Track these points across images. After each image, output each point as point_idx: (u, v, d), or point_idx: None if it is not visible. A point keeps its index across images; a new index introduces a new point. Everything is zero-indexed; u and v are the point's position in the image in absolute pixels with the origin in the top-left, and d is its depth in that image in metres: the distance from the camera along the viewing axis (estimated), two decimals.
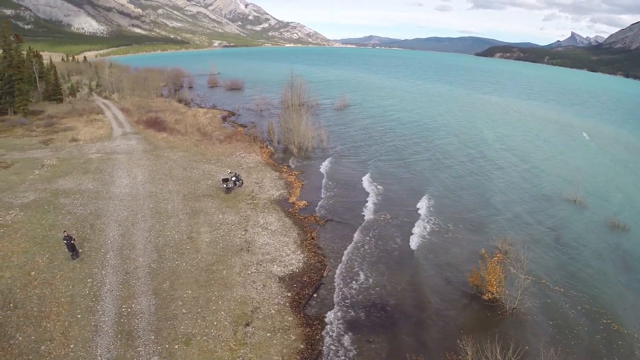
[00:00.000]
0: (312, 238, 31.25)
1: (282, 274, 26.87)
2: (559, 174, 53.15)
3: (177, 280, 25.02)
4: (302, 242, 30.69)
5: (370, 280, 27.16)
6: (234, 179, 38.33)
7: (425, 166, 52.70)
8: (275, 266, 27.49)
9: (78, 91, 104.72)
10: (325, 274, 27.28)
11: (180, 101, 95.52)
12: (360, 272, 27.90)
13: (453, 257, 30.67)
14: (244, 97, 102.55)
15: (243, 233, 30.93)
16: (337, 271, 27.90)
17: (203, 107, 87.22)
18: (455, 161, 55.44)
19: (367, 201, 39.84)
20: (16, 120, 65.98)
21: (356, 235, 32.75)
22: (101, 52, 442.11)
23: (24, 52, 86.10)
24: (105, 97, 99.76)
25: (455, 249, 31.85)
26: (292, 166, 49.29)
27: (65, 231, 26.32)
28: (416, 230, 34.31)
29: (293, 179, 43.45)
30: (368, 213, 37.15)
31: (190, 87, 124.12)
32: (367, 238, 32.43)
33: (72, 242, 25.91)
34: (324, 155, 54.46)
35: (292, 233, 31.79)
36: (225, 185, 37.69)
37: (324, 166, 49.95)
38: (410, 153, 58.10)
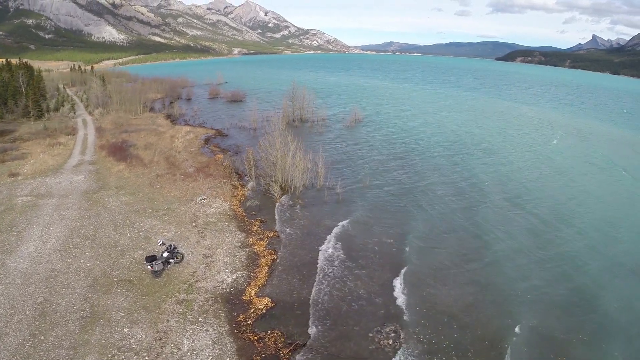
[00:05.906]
0: None
1: None
2: None
3: None
4: None
5: None
6: (166, 254, 25.52)
7: (462, 228, 35.75)
8: None
9: (62, 106, 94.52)
10: None
11: (169, 117, 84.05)
12: None
13: None
14: (243, 111, 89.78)
15: None
16: None
17: (190, 125, 75.29)
18: (515, 223, 37.24)
19: (380, 300, 24.48)
20: None
21: None
22: (119, 60, 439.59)
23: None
24: (90, 113, 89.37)
25: None
26: (272, 219, 35.47)
27: None
28: None
29: (262, 248, 29.88)
30: (383, 331, 21.72)
31: (189, 99, 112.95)
32: None
33: None
34: (317, 201, 40.11)
35: None
36: (150, 267, 25.02)
37: (313, 222, 35.19)
38: (439, 199, 41.82)
